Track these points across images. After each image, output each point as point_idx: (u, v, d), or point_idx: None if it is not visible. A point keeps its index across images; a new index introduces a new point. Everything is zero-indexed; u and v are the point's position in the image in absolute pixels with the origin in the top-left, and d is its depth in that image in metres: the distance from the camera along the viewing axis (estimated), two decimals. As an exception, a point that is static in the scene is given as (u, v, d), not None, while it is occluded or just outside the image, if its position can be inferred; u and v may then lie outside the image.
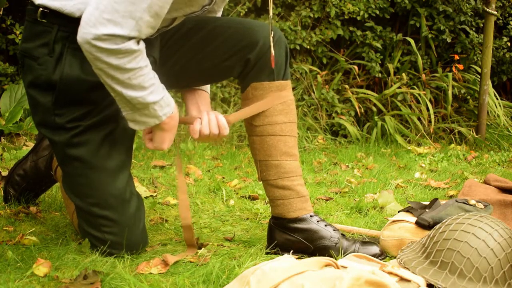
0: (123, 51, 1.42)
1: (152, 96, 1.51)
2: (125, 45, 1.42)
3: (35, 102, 1.63)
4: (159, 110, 1.55)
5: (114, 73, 1.46)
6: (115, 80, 1.47)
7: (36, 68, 1.59)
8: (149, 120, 1.56)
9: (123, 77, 1.46)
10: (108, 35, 1.40)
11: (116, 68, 1.45)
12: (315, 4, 4.11)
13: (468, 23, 4.35)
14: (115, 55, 1.43)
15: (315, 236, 1.73)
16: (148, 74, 1.50)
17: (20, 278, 1.44)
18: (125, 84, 1.48)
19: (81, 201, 1.66)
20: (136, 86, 1.48)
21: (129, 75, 1.46)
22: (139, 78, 1.48)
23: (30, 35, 1.61)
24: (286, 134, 1.74)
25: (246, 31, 1.71)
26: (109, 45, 1.41)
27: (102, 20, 1.40)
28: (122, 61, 1.44)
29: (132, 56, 1.44)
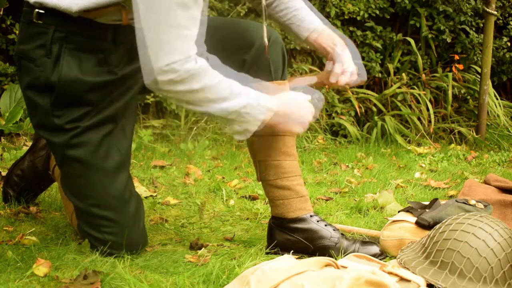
0: (184, 75, 1.44)
1: (241, 102, 1.50)
2: (184, 68, 1.43)
3: (33, 104, 1.62)
4: (254, 112, 1.52)
5: (192, 98, 1.47)
6: (199, 103, 1.49)
7: (34, 69, 1.58)
8: (250, 126, 1.53)
9: (200, 98, 1.47)
10: (166, 65, 1.42)
11: (189, 92, 1.46)
12: (315, 4, 4.11)
13: (468, 23, 4.35)
14: (181, 83, 1.44)
15: (315, 236, 1.73)
16: (224, 83, 1.49)
17: (20, 278, 1.44)
18: (207, 102, 1.48)
19: (80, 202, 1.66)
20: (219, 100, 1.48)
21: (204, 93, 1.47)
22: (216, 91, 1.48)
23: (26, 36, 1.60)
24: (285, 134, 1.74)
25: (242, 32, 1.71)
26: (171, 76, 1.43)
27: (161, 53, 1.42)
28: (190, 84, 1.45)
29: (196, 76, 1.45)
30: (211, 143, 3.61)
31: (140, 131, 3.56)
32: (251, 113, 1.51)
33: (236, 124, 1.53)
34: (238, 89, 1.51)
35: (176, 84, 1.45)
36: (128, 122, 1.70)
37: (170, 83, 1.44)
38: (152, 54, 1.43)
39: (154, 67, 1.43)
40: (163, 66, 1.42)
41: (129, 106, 1.70)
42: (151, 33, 1.42)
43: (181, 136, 3.69)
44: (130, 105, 1.70)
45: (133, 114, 1.74)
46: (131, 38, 1.64)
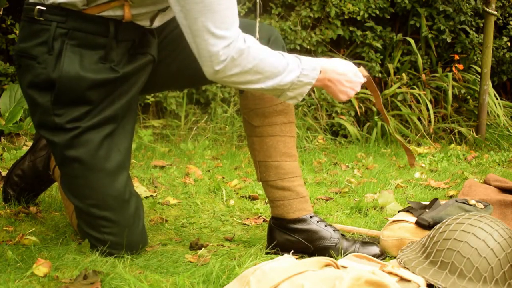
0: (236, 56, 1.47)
1: (293, 72, 1.55)
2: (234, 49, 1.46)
3: (34, 102, 1.62)
4: (305, 78, 1.57)
5: (248, 78, 1.52)
6: (255, 82, 1.53)
7: (36, 67, 1.58)
8: (302, 90, 1.58)
9: (257, 76, 1.52)
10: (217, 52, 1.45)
11: (243, 73, 1.50)
12: (315, 4, 4.11)
13: (468, 23, 4.35)
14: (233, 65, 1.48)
15: (315, 237, 1.73)
16: (274, 58, 1.54)
17: (20, 278, 1.44)
18: (262, 79, 1.53)
19: (80, 202, 1.66)
20: (273, 75, 1.53)
21: (258, 70, 1.51)
22: (269, 67, 1.52)
23: (28, 34, 1.60)
24: (285, 134, 1.74)
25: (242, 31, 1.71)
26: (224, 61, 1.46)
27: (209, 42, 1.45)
28: (242, 65, 1.49)
29: (247, 55, 1.48)
30: (211, 143, 3.61)
31: (140, 131, 3.56)
32: (303, 80, 1.57)
33: (289, 91, 1.57)
34: (290, 60, 1.56)
35: (231, 68, 1.48)
36: (129, 122, 1.70)
37: (226, 69, 1.48)
38: (202, 42, 1.46)
39: (210, 54, 1.46)
40: (219, 50, 1.45)
41: (130, 106, 1.69)
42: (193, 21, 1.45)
43: (181, 136, 3.69)
44: (131, 105, 1.70)
45: (134, 114, 1.74)
46: (133, 35, 1.64)
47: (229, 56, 1.46)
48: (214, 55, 1.46)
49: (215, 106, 3.84)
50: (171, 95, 3.80)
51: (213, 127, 3.75)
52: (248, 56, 1.49)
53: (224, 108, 3.86)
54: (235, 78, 1.51)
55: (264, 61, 1.51)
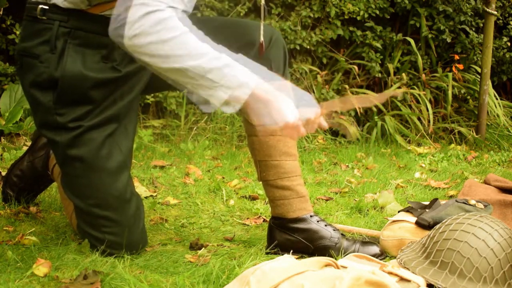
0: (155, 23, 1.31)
1: (220, 60, 1.34)
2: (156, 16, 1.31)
3: (36, 102, 1.62)
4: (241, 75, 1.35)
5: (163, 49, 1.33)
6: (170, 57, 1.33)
7: (38, 65, 1.58)
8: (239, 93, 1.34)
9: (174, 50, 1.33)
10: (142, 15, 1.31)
11: (159, 42, 1.32)
12: (315, 4, 4.11)
13: (468, 23, 4.35)
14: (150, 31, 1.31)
15: (315, 236, 1.73)
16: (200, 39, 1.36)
17: (20, 278, 1.44)
18: (181, 56, 1.33)
19: (81, 201, 1.66)
20: (195, 55, 1.33)
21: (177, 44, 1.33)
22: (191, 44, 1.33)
23: (30, 33, 1.60)
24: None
25: (243, 32, 1.71)
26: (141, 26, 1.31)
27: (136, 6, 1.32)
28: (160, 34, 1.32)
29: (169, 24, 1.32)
30: (211, 143, 3.61)
31: (140, 131, 3.56)
32: (237, 76, 1.34)
33: (222, 90, 1.34)
34: (220, 50, 1.37)
35: (147, 34, 1.32)
36: (130, 122, 1.70)
37: (140, 35, 1.32)
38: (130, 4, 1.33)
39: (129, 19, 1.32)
40: (137, 17, 1.32)
41: (132, 106, 1.69)
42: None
43: (181, 136, 3.69)
44: (133, 104, 1.70)
45: (136, 114, 1.74)
46: None
47: (148, 21, 1.32)
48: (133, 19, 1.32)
49: (215, 106, 3.84)
50: (171, 95, 3.80)
51: (213, 127, 3.75)
52: (169, 25, 1.32)
53: (224, 108, 3.85)
54: (150, 48, 1.33)
55: (186, 35, 1.34)
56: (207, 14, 3.82)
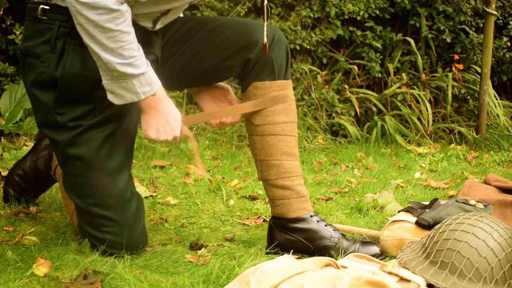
0: (101, 6, 1.41)
1: (131, 68, 1.49)
2: (103, 1, 1.41)
3: (37, 101, 1.63)
4: (138, 86, 1.52)
5: (92, 30, 1.44)
6: (93, 38, 1.45)
7: (39, 65, 1.59)
8: (127, 95, 1.53)
9: (101, 37, 1.44)
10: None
11: (94, 24, 1.43)
12: (315, 4, 4.11)
13: (468, 23, 4.35)
14: (93, 9, 1.41)
15: (315, 236, 1.73)
16: (129, 43, 1.47)
17: (20, 278, 1.44)
18: (103, 45, 1.45)
19: (81, 201, 1.66)
20: (114, 51, 1.46)
21: (106, 35, 1.44)
22: (118, 42, 1.45)
23: (31, 33, 1.61)
24: (287, 134, 1.74)
25: (246, 31, 1.72)
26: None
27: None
28: (100, 18, 1.42)
29: (111, 16, 1.43)
30: (211, 143, 3.61)
31: (140, 131, 3.55)
32: (136, 86, 1.51)
33: (117, 85, 1.51)
34: (141, 59, 1.50)
35: (89, 9, 1.41)
36: (131, 122, 1.70)
37: (84, 4, 1.41)
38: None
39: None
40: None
41: (133, 106, 1.69)
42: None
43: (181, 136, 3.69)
44: (134, 105, 1.70)
45: (136, 114, 1.74)
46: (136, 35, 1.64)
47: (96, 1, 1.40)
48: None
49: (215, 106, 3.84)
50: (171, 95, 3.80)
51: (213, 127, 3.75)
52: (112, 17, 1.43)
53: (224, 108, 3.85)
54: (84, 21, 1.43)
55: (122, 35, 1.45)
56: (207, 14, 3.82)
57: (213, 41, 1.72)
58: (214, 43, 1.72)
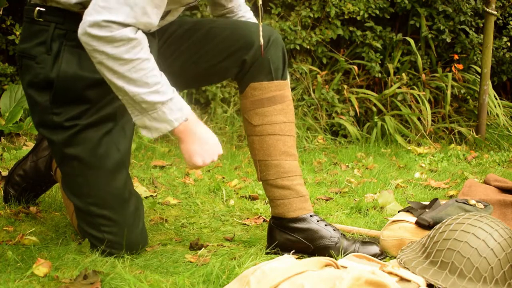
0: (118, 38, 1.41)
1: (158, 96, 1.47)
2: (120, 31, 1.41)
3: (33, 102, 1.64)
4: (169, 113, 1.49)
5: (113, 65, 1.43)
6: (116, 73, 1.44)
7: (34, 66, 1.60)
8: (160, 126, 1.50)
9: (123, 69, 1.43)
10: (104, 21, 1.39)
11: (114, 58, 1.42)
12: (315, 4, 4.11)
13: (468, 23, 4.35)
14: (111, 43, 1.41)
15: (315, 236, 1.73)
16: (151, 70, 1.46)
17: (20, 278, 1.44)
18: (126, 78, 1.44)
19: (80, 201, 1.66)
20: (138, 81, 1.45)
21: (128, 67, 1.44)
22: (140, 71, 1.44)
23: (28, 35, 1.62)
24: (285, 133, 1.74)
25: (242, 32, 1.72)
26: (105, 33, 1.40)
27: (98, 8, 1.40)
28: (119, 50, 1.42)
29: (129, 45, 1.42)
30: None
31: (140, 131, 3.55)
32: (166, 114, 1.48)
33: (148, 117, 1.49)
34: (165, 84, 1.48)
35: (106, 43, 1.41)
36: (128, 122, 1.70)
37: (100, 39, 1.41)
38: (95, 4, 1.41)
39: (91, 18, 1.40)
40: (100, 21, 1.40)
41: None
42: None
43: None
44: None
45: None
46: None
47: (111, 32, 1.40)
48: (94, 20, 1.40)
49: (215, 106, 3.84)
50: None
51: (213, 127, 3.75)
52: (130, 47, 1.42)
53: (224, 108, 3.86)
54: (103, 58, 1.43)
55: (142, 63, 1.45)
56: (207, 14, 3.82)
57: (210, 43, 1.73)
58: (210, 44, 1.72)
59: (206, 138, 1.57)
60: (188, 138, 1.55)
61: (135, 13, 1.42)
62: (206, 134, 1.57)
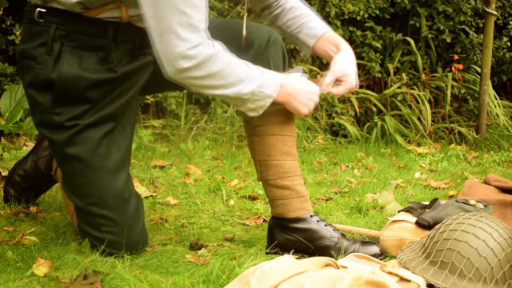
0: (204, 60, 1.49)
1: (254, 82, 1.57)
2: (203, 53, 1.48)
3: (34, 102, 1.64)
4: (267, 90, 1.59)
5: (211, 83, 1.53)
6: (216, 87, 1.54)
7: (35, 67, 1.60)
8: (263, 103, 1.61)
9: (220, 82, 1.53)
10: (187, 50, 1.46)
11: (208, 77, 1.52)
12: (315, 4, 4.11)
13: (468, 23, 4.35)
14: (200, 68, 1.50)
15: (315, 236, 1.73)
16: (238, 65, 1.55)
17: (20, 278, 1.44)
18: (225, 85, 1.54)
19: (80, 200, 1.66)
20: (234, 82, 1.54)
21: (223, 76, 1.53)
22: (231, 74, 1.54)
23: (29, 35, 1.62)
24: (285, 134, 1.74)
25: (242, 32, 1.72)
26: (191, 62, 1.48)
27: (172, 42, 1.46)
28: (208, 70, 1.50)
29: (213, 60, 1.50)
30: (211, 143, 3.61)
31: (140, 131, 3.56)
32: (265, 92, 1.59)
33: (250, 102, 1.60)
34: (253, 70, 1.59)
35: (197, 69, 1.50)
36: (128, 122, 1.71)
37: (190, 70, 1.49)
38: (167, 42, 1.47)
39: (173, 55, 1.47)
40: (183, 51, 1.47)
41: (130, 106, 1.70)
42: (160, 21, 1.46)
43: (181, 136, 3.69)
44: (131, 104, 1.71)
45: (134, 114, 1.75)
46: (132, 36, 1.65)
47: (196, 58, 1.48)
48: (177, 55, 1.47)
49: (215, 106, 3.84)
50: (171, 95, 3.80)
51: (213, 127, 3.75)
52: (216, 61, 1.51)
53: (224, 108, 3.86)
54: (199, 81, 1.53)
55: (229, 67, 1.54)
56: (207, 14, 3.81)
57: None
58: None
59: (300, 90, 1.65)
60: (287, 99, 1.65)
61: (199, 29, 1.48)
62: (299, 86, 1.66)
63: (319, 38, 1.80)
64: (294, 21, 1.82)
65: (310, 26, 1.81)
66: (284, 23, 1.85)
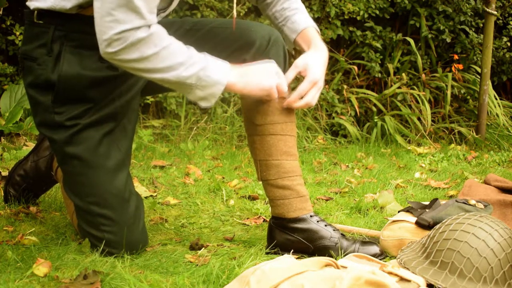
0: (135, 42, 1.44)
1: (195, 66, 1.51)
2: (133, 36, 1.43)
3: (35, 102, 1.64)
4: (214, 74, 1.52)
5: (144, 66, 1.47)
6: (150, 70, 1.49)
7: (36, 68, 1.60)
8: (213, 90, 1.54)
9: (154, 64, 1.47)
10: (115, 34, 1.42)
11: (142, 61, 1.46)
12: (315, 4, 4.11)
13: (468, 23, 4.35)
14: (131, 50, 1.44)
15: (315, 236, 1.73)
16: (178, 50, 1.50)
17: (20, 278, 1.44)
18: (161, 69, 1.49)
19: (80, 200, 1.66)
20: (173, 66, 1.49)
21: (157, 60, 1.47)
22: (169, 57, 1.48)
23: (29, 37, 1.63)
24: (286, 133, 1.74)
25: (243, 32, 1.72)
26: (121, 44, 1.43)
27: (107, 24, 1.42)
28: (141, 51, 1.45)
29: (148, 43, 1.45)
30: (211, 143, 3.61)
31: (140, 131, 3.56)
32: (211, 76, 1.52)
33: (198, 89, 1.53)
34: (195, 54, 1.52)
35: (127, 52, 1.45)
36: (129, 122, 1.71)
37: (120, 52, 1.44)
38: (103, 23, 1.43)
39: (106, 36, 1.43)
40: (113, 35, 1.43)
41: (131, 105, 1.70)
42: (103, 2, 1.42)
43: (181, 136, 3.69)
44: (132, 104, 1.71)
45: (135, 113, 1.75)
46: None
47: (126, 41, 1.43)
48: (108, 37, 1.43)
49: (215, 106, 3.84)
50: (171, 95, 3.80)
51: (213, 127, 3.75)
52: (148, 44, 1.46)
53: (224, 108, 3.86)
54: (133, 64, 1.48)
55: (165, 51, 1.48)
56: (207, 14, 3.82)
57: (210, 42, 1.72)
58: (211, 43, 1.72)
59: (256, 68, 1.60)
60: (244, 81, 1.58)
61: (140, 14, 1.43)
62: (254, 65, 1.60)
63: (299, 33, 1.79)
64: (281, 13, 1.81)
65: (293, 20, 1.79)
66: (272, 14, 1.84)
